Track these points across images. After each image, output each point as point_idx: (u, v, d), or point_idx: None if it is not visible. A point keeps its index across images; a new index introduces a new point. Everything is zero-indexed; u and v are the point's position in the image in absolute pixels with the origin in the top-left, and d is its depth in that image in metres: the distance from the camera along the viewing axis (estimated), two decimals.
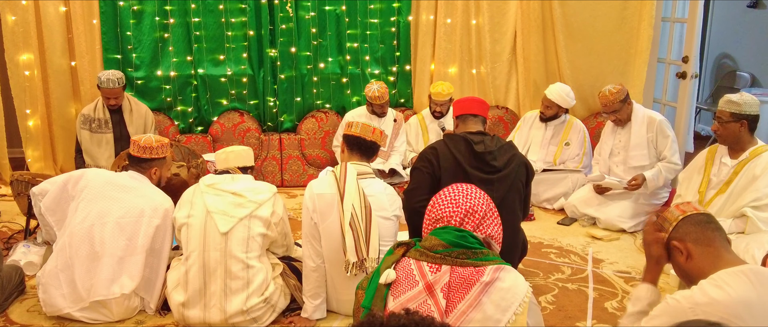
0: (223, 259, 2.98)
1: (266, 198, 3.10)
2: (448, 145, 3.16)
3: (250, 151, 3.41)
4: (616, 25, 5.31)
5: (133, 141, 3.41)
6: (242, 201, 3.06)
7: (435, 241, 1.92)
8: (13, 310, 3.26)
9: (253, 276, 3.01)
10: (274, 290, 3.08)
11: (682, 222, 2.01)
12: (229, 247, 2.98)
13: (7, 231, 4.36)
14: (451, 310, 1.85)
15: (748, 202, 3.54)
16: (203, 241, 3.00)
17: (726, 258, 1.93)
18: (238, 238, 3.00)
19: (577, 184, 4.93)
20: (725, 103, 3.61)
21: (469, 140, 3.14)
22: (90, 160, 4.85)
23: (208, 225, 3.01)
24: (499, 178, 3.11)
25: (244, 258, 2.99)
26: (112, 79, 4.70)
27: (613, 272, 3.77)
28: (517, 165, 3.17)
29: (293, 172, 5.61)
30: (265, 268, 3.08)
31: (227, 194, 3.07)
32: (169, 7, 5.36)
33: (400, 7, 5.64)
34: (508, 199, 3.14)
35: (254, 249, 3.03)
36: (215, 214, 3.01)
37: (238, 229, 3.01)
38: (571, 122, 5.14)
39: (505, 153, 3.17)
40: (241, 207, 3.04)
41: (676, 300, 1.90)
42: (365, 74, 5.69)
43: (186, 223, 3.06)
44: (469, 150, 3.13)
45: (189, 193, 3.16)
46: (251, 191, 3.10)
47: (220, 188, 3.10)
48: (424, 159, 3.18)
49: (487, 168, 3.11)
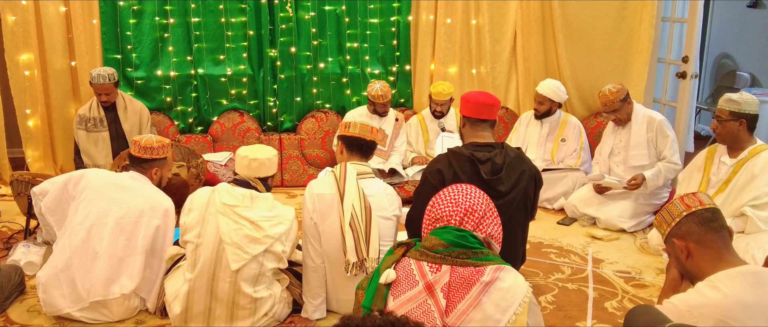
0: (232, 292, 2.89)
1: (283, 231, 2.97)
2: (452, 167, 3.00)
3: (275, 157, 3.15)
4: (615, 25, 5.31)
5: (133, 141, 3.41)
6: (259, 235, 2.90)
7: (435, 241, 1.92)
8: (13, 310, 3.26)
9: (260, 305, 2.96)
10: (278, 306, 3.06)
11: (685, 219, 1.98)
12: (239, 282, 2.88)
13: (7, 231, 4.36)
14: (451, 309, 1.85)
15: (748, 201, 3.55)
16: (213, 270, 2.88)
17: (727, 259, 1.93)
18: (249, 274, 2.89)
19: (577, 183, 4.93)
20: (725, 102, 3.62)
21: (475, 161, 2.98)
22: (88, 160, 4.86)
23: (220, 255, 2.87)
24: (504, 203, 2.95)
25: (251, 293, 2.91)
26: (102, 75, 4.68)
27: (613, 272, 3.77)
28: (525, 182, 3.03)
29: (293, 172, 5.61)
30: (274, 294, 3.02)
31: (244, 223, 2.90)
32: (169, 7, 5.36)
33: (400, 7, 5.64)
34: (513, 221, 3.01)
35: (263, 282, 2.96)
36: (228, 246, 2.86)
37: (250, 266, 2.89)
38: (566, 118, 5.14)
39: (514, 171, 3.01)
40: (256, 243, 2.89)
41: (673, 304, 1.91)
42: (365, 74, 5.69)
43: (194, 243, 2.91)
44: (474, 172, 2.97)
45: (202, 202, 2.97)
46: (270, 222, 2.94)
47: (239, 213, 2.91)
48: (428, 183, 3.02)
49: (492, 192, 2.87)
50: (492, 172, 2.98)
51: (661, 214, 2.07)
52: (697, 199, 2.01)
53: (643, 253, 4.05)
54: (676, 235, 2.00)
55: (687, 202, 2.01)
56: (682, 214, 1.99)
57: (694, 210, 1.98)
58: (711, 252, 1.93)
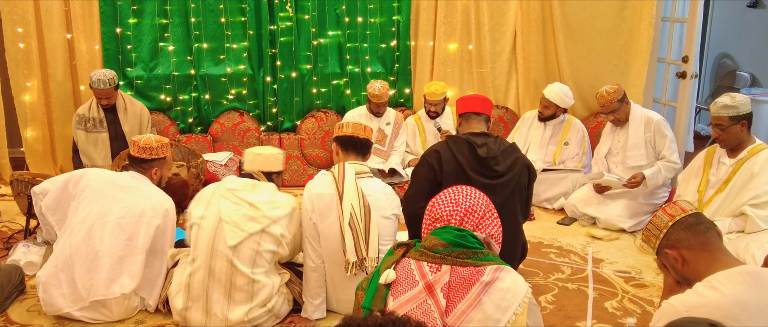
0: (230, 271, 2.93)
1: (282, 214, 3.02)
2: (451, 148, 3.13)
3: (280, 155, 3.29)
4: (615, 25, 5.31)
5: (133, 141, 3.41)
6: (257, 215, 2.97)
7: (435, 241, 1.92)
8: (13, 310, 3.26)
9: (257, 290, 2.97)
10: (277, 300, 3.06)
11: (672, 229, 2.01)
12: (236, 261, 2.92)
13: (7, 231, 4.36)
14: (451, 309, 1.85)
15: (747, 200, 3.55)
16: (211, 248, 2.94)
17: (722, 260, 1.93)
18: (246, 253, 2.94)
19: (577, 183, 4.94)
20: (721, 109, 3.57)
21: (473, 143, 3.12)
22: (87, 160, 4.83)
23: (219, 233, 2.94)
24: (501, 183, 3.09)
25: (249, 273, 2.93)
26: (102, 80, 4.64)
27: (613, 272, 3.77)
28: (519, 169, 3.15)
29: (293, 171, 5.61)
30: (271, 283, 3.02)
31: (244, 204, 2.99)
32: (169, 6, 5.36)
33: (400, 7, 5.64)
34: (510, 203, 3.13)
35: (262, 265, 2.98)
36: (226, 224, 2.93)
37: (247, 245, 2.93)
38: (570, 122, 5.14)
39: (508, 156, 3.16)
40: (253, 221, 2.96)
41: (671, 304, 1.91)
42: (365, 74, 5.69)
43: (198, 225, 3.00)
44: (472, 153, 3.11)
45: (209, 191, 3.09)
46: (269, 205, 3.01)
47: (239, 196, 3.01)
48: (425, 163, 3.15)
49: (489, 173, 3.10)
50: (488, 154, 3.10)
51: (647, 228, 2.11)
52: (678, 207, 2.06)
53: (642, 252, 4.05)
54: (666, 246, 2.03)
55: (670, 212, 2.06)
56: (668, 225, 2.02)
57: (678, 218, 2.02)
58: (703, 254, 1.95)
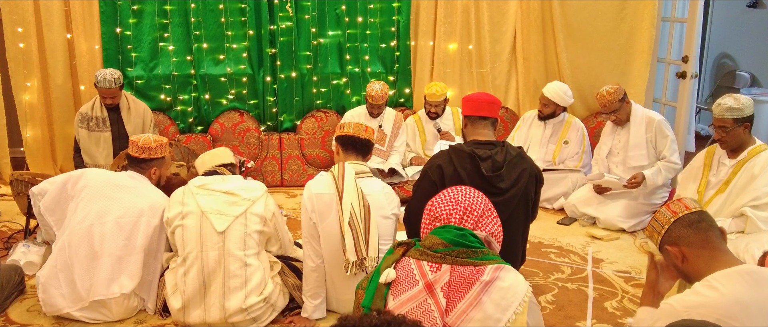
0: (222, 258, 2.99)
1: (259, 195, 3.14)
2: (453, 163, 3.01)
3: (227, 149, 3.45)
4: (615, 25, 5.31)
5: (131, 141, 3.40)
6: (236, 199, 3.07)
7: (435, 240, 1.92)
8: (13, 310, 3.26)
9: (250, 274, 3.02)
10: (272, 289, 3.08)
11: (674, 225, 2.01)
12: (227, 245, 3.00)
13: (7, 231, 4.36)
14: (451, 309, 1.85)
15: (747, 201, 3.54)
16: (200, 242, 3.01)
17: (722, 259, 1.93)
18: (235, 236, 3.02)
19: (577, 183, 4.94)
20: (726, 111, 3.52)
21: (476, 157, 2.99)
22: (88, 159, 4.84)
23: (204, 225, 3.02)
24: (504, 200, 2.96)
25: (241, 256, 3.01)
26: (108, 79, 4.66)
27: (613, 272, 3.77)
28: (526, 181, 3.02)
29: (293, 171, 5.61)
30: (263, 266, 3.09)
31: (219, 194, 3.09)
32: (169, 6, 5.36)
33: (400, 7, 5.64)
34: (513, 218, 3.02)
35: (251, 246, 3.05)
36: (210, 214, 3.03)
37: (235, 227, 3.02)
38: (570, 121, 5.14)
39: (515, 168, 3.01)
40: (235, 205, 3.06)
41: (670, 304, 1.91)
42: (365, 74, 5.69)
43: (181, 225, 3.06)
44: (475, 169, 2.98)
45: (178, 194, 3.16)
46: (244, 190, 3.13)
47: (212, 188, 3.12)
48: (427, 178, 3.04)
49: (493, 189, 2.93)
50: (492, 169, 2.98)
51: (651, 224, 2.12)
52: (682, 204, 2.05)
53: (642, 252, 4.05)
54: (668, 242, 2.03)
55: (673, 208, 2.05)
56: (670, 221, 2.02)
57: (680, 215, 2.02)
58: (704, 252, 1.95)
